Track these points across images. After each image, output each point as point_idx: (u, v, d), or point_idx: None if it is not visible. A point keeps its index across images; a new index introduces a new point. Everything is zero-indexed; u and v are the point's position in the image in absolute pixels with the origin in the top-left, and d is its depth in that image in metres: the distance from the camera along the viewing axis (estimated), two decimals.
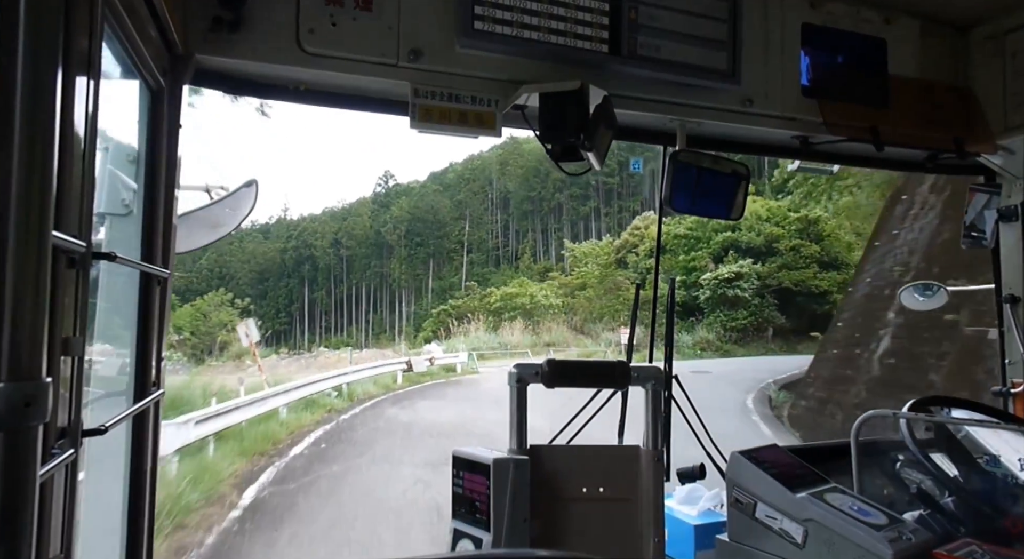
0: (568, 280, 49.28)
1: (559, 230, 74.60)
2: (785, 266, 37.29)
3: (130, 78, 1.24)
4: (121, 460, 1.24)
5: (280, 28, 1.48)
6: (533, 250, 75.24)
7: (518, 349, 34.76)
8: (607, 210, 73.21)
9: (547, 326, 40.80)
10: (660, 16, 1.75)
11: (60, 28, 0.65)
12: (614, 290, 43.33)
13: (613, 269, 45.95)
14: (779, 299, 36.43)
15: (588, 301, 44.74)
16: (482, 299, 48.41)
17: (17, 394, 0.57)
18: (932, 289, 3.31)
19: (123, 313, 1.26)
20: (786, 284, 36.41)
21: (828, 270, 36.51)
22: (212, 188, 2.42)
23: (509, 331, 39.25)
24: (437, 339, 40.24)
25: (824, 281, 36.48)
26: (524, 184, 76.83)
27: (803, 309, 36.01)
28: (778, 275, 37.13)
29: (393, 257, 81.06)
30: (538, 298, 45.15)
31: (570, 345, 37.54)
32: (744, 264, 37.47)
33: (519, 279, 53.48)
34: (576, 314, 43.38)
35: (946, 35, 2.26)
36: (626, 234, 48.94)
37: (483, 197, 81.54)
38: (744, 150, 2.25)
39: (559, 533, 1.54)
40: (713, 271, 38.06)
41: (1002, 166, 2.33)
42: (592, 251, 52.18)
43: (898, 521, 1.51)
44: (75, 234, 0.75)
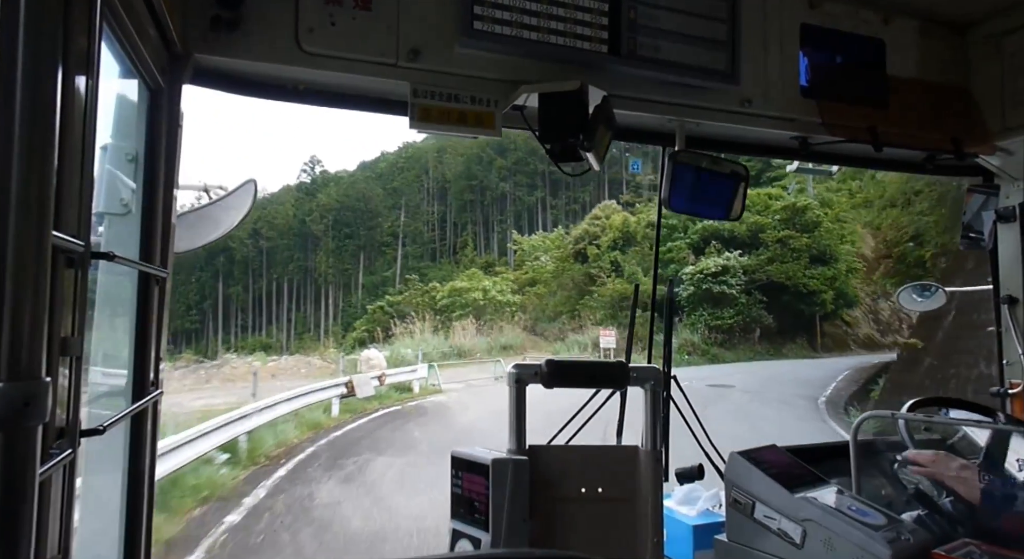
0: (517, 275, 44.96)
1: (503, 222, 69.38)
2: (772, 260, 34.06)
3: (129, 78, 1.24)
4: (119, 460, 1.24)
5: (279, 27, 1.48)
6: (475, 243, 69.72)
7: (475, 355, 30.48)
8: (555, 201, 69.24)
9: (500, 326, 36.43)
10: (659, 16, 1.75)
11: (59, 28, 0.65)
12: (571, 286, 39.17)
13: (571, 263, 41.38)
14: (766, 296, 33.41)
15: (539, 298, 40.50)
16: (425, 295, 42.63)
17: (16, 394, 0.57)
18: (931, 290, 3.32)
19: (121, 312, 1.26)
20: (776, 279, 33.33)
21: (816, 265, 33.90)
22: (211, 188, 2.41)
23: (461, 332, 34.16)
24: (373, 341, 34.97)
25: (814, 279, 33.76)
26: (464, 172, 71.84)
27: (789, 309, 33.49)
28: (766, 269, 33.82)
29: (319, 249, 73.84)
30: (492, 293, 40.02)
31: (527, 349, 33.32)
32: (731, 257, 33.98)
33: (470, 271, 47.69)
34: (526, 313, 39.21)
35: (945, 36, 2.26)
36: (585, 224, 44.22)
37: (419, 186, 75.62)
38: (743, 150, 2.25)
39: (558, 533, 1.54)
40: (695, 264, 34.46)
41: (1000, 167, 2.33)
42: (542, 244, 47.94)
43: (896, 521, 1.51)
44: (74, 233, 0.75)
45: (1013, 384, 2.37)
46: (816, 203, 34.63)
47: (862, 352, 34.19)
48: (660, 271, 34.97)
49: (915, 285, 3.42)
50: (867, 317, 37.03)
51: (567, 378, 1.64)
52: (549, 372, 1.56)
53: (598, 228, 41.69)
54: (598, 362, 1.58)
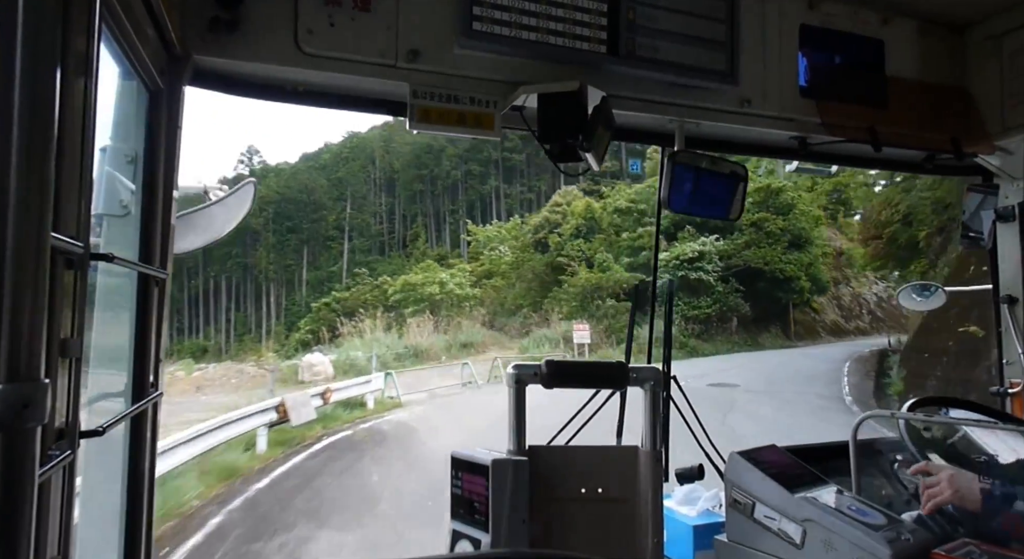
0: (473, 267, 41.65)
1: (455, 212, 65.85)
2: (749, 244, 32.43)
3: (128, 79, 1.24)
4: (119, 461, 1.24)
5: (278, 28, 1.48)
6: (427, 235, 65.99)
7: (435, 355, 27.34)
8: (510, 190, 65.80)
9: (458, 322, 33.33)
10: (658, 17, 1.75)
11: (58, 29, 0.65)
12: (532, 278, 36.50)
13: (531, 253, 38.78)
14: (743, 284, 31.81)
15: (497, 291, 37.54)
16: (375, 290, 39.25)
17: (15, 395, 0.57)
18: (930, 290, 3.32)
19: (121, 314, 1.26)
20: (754, 265, 31.75)
21: (791, 249, 32.66)
22: (210, 189, 2.42)
23: (417, 330, 30.59)
24: (319, 342, 32.12)
25: (790, 264, 32.33)
26: (414, 162, 68.05)
27: (765, 296, 32.00)
28: (743, 254, 32.16)
29: (259, 244, 69.03)
30: (450, 286, 36.65)
31: (488, 346, 30.33)
32: (706, 242, 32.21)
33: (425, 263, 43.34)
34: (484, 307, 36.38)
35: (944, 36, 2.27)
36: (545, 212, 41.61)
37: (365, 177, 71.20)
38: (742, 151, 2.25)
39: (558, 534, 1.54)
40: (668, 250, 32.59)
41: (999, 167, 2.33)
42: (498, 234, 44.48)
43: (896, 521, 1.51)
44: (73, 235, 0.75)
45: (1013, 383, 2.37)
46: (790, 184, 33.46)
47: (832, 339, 33.90)
48: (632, 259, 31.84)
49: (915, 285, 3.42)
50: (831, 303, 36.46)
51: (567, 378, 1.64)
52: (549, 372, 1.56)
53: (559, 216, 39.44)
54: (598, 362, 1.57)
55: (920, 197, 21.68)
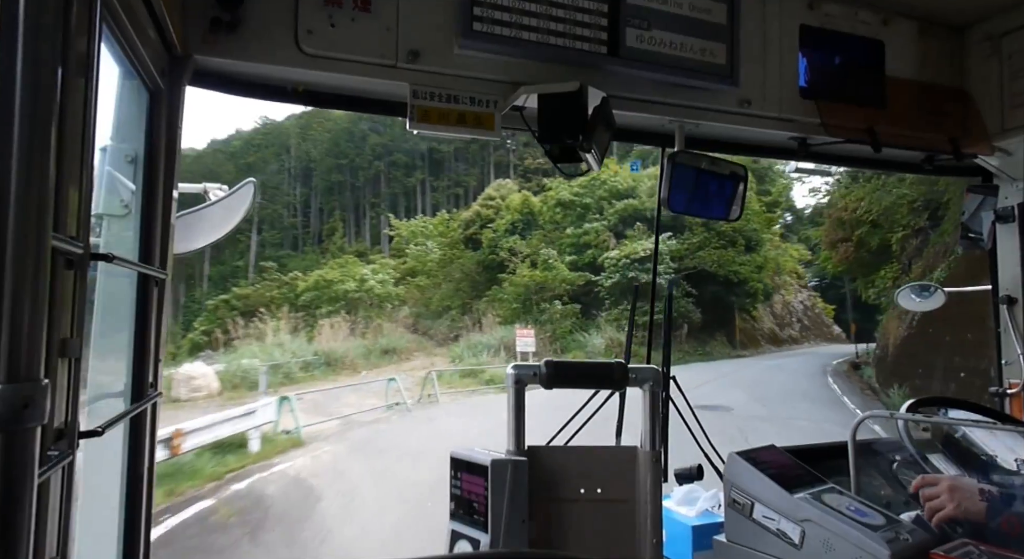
0: (396, 264, 37.55)
1: (377, 206, 59.67)
2: (702, 245, 29.85)
3: (129, 79, 1.24)
4: (118, 462, 1.24)
5: (278, 29, 1.48)
6: (345, 229, 60.09)
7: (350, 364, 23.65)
8: (437, 183, 59.75)
9: (378, 325, 29.23)
10: (658, 17, 1.76)
11: (59, 29, 0.65)
12: (461, 276, 33.10)
13: (461, 249, 35.12)
14: (695, 287, 29.14)
15: (421, 291, 33.75)
16: (284, 287, 33.86)
17: (15, 395, 0.57)
18: (929, 290, 3.31)
19: (121, 314, 1.26)
20: (708, 268, 29.23)
21: (744, 251, 30.70)
22: (210, 189, 2.42)
23: (330, 333, 26.56)
24: (211, 347, 27.36)
25: (744, 266, 30.29)
26: (332, 150, 61.31)
27: (716, 301, 29.70)
28: (698, 254, 29.58)
29: None
30: (371, 283, 32.46)
31: (414, 352, 26.79)
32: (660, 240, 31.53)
33: (342, 258, 38.80)
34: (407, 307, 32.89)
35: (943, 37, 2.27)
36: (477, 205, 37.60)
37: (279, 166, 63.70)
38: (742, 151, 2.26)
39: (557, 534, 1.54)
40: (617, 248, 29.51)
41: (999, 167, 2.34)
42: (423, 229, 39.87)
43: (895, 521, 1.51)
44: (73, 235, 0.75)
45: (1012, 384, 2.37)
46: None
47: (772, 348, 32.95)
48: (576, 257, 29.76)
49: (913, 286, 3.42)
50: (766, 311, 35.47)
51: (566, 379, 1.64)
52: (548, 373, 1.56)
53: (492, 210, 35.71)
54: (597, 363, 1.57)
55: (897, 195, 20.59)
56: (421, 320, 31.77)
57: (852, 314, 45.67)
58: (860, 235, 23.65)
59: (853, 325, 44.20)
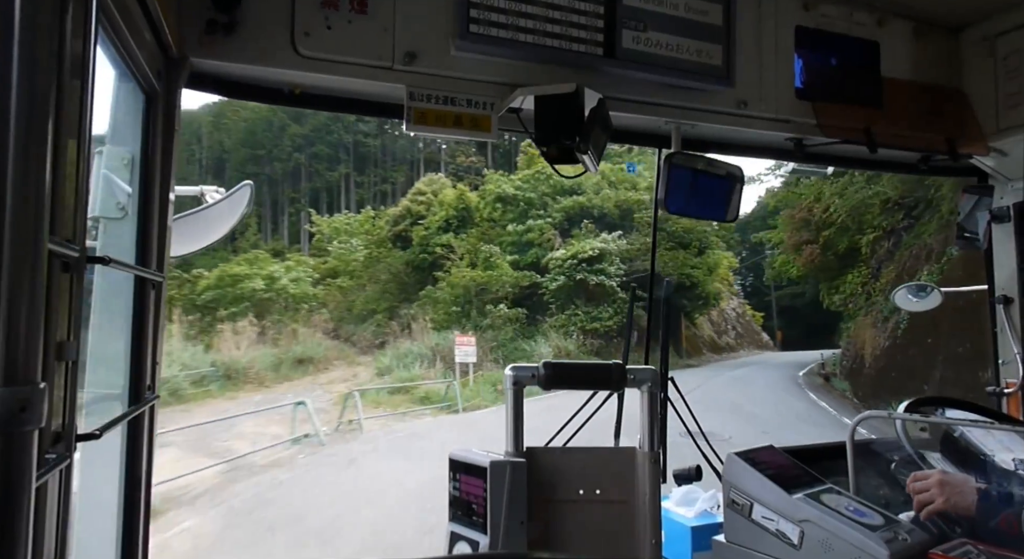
0: (316, 264, 34.20)
1: (297, 201, 55.24)
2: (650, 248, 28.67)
3: (125, 81, 1.24)
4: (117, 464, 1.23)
5: (275, 31, 1.48)
6: (260, 225, 53.99)
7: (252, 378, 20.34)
8: (362, 179, 55.29)
9: (292, 330, 25.81)
10: (654, 18, 1.76)
11: (54, 32, 0.65)
12: (389, 277, 30.41)
13: (389, 248, 32.30)
14: (645, 291, 28.29)
15: (344, 293, 30.95)
16: (184, 286, 28.29)
17: (12, 398, 0.57)
18: (926, 290, 3.32)
19: (118, 316, 1.25)
20: (660, 270, 26.18)
21: (694, 253, 29.02)
22: (206, 191, 2.42)
23: (233, 339, 22.98)
24: None
25: (697, 269, 28.52)
26: (248, 140, 56.01)
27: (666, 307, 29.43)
28: (647, 258, 25.75)
29: None
30: (283, 282, 28.43)
31: (333, 361, 23.97)
32: (608, 239, 26.82)
33: (252, 255, 33.70)
34: (328, 311, 30.09)
35: (938, 37, 2.28)
36: (407, 201, 34.66)
37: (188, 156, 57.25)
38: (739, 152, 2.26)
39: (556, 535, 1.54)
40: (564, 248, 27.01)
41: (994, 168, 2.34)
42: (347, 226, 36.76)
43: (894, 522, 1.51)
44: (69, 238, 0.75)
45: (1009, 383, 2.38)
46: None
47: (714, 356, 31.67)
48: (519, 257, 26.92)
49: (911, 286, 3.43)
50: (705, 318, 34.06)
51: (564, 380, 1.64)
52: (546, 374, 1.56)
53: (423, 206, 33.13)
54: (596, 364, 1.58)
55: (873, 193, 19.22)
56: (343, 325, 28.56)
57: (777, 321, 45.40)
58: (827, 236, 22.17)
59: (779, 333, 44.21)
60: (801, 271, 25.83)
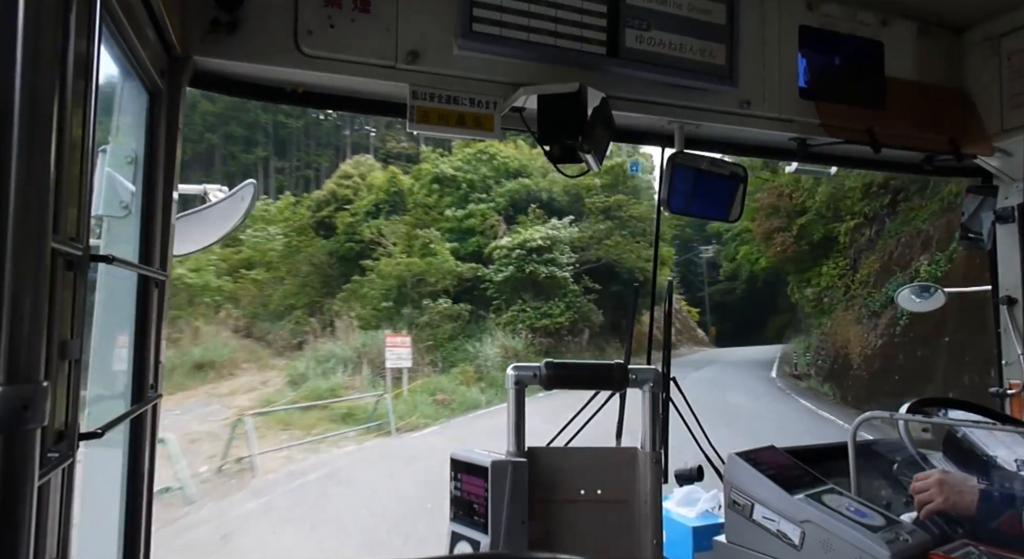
0: (227, 254, 29.35)
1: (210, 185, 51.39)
2: (609, 233, 25.20)
3: (129, 80, 1.24)
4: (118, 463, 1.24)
5: (278, 30, 1.48)
6: None
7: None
8: (282, 163, 50.46)
9: (195, 327, 22.36)
10: (657, 18, 1.76)
11: (58, 30, 0.65)
12: (311, 270, 27.44)
13: (311, 237, 29.48)
14: (598, 283, 24.42)
15: (260, 286, 27.39)
16: None
17: (15, 397, 0.57)
18: (929, 291, 3.32)
19: (122, 315, 1.26)
20: (614, 261, 24.37)
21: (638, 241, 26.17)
22: (210, 190, 2.42)
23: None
24: None
25: (651, 262, 28.03)
26: None
27: (618, 302, 24.80)
28: (605, 243, 25.03)
29: None
30: (178, 271, 21.80)
31: (240, 365, 20.55)
32: (559, 226, 24.25)
33: None
34: (240, 307, 26.54)
35: (942, 37, 2.27)
36: (332, 184, 31.77)
37: None
38: (742, 152, 2.26)
39: (557, 535, 1.54)
40: (511, 236, 24.23)
41: (998, 168, 2.34)
42: (263, 213, 32.00)
43: (895, 522, 1.51)
44: (73, 237, 0.75)
45: (1012, 385, 2.37)
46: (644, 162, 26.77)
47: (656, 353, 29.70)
48: (458, 245, 24.33)
49: (913, 286, 3.42)
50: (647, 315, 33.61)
51: (566, 379, 1.64)
52: (548, 373, 1.56)
53: (350, 190, 30.28)
54: (597, 363, 1.58)
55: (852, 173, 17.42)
56: (258, 322, 25.25)
57: (711, 317, 44.93)
58: (803, 224, 20.25)
59: (713, 329, 43.96)
60: (770, 262, 24.06)
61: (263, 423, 11.91)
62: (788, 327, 39.87)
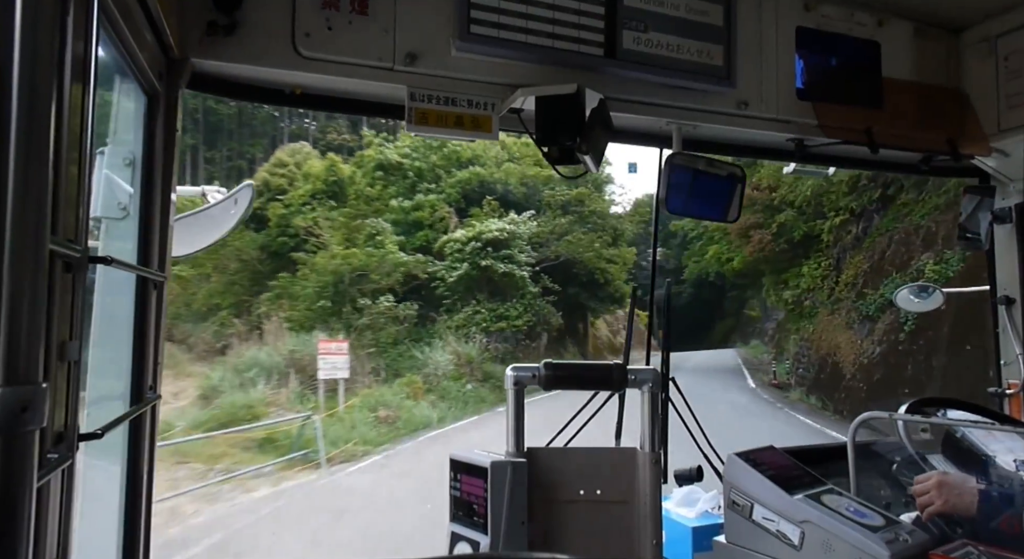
0: None
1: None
2: (568, 230, 23.37)
3: (126, 82, 1.24)
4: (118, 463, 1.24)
5: (276, 32, 1.48)
6: None
7: None
8: (212, 154, 47.98)
9: None
10: (655, 19, 1.76)
11: (56, 33, 0.65)
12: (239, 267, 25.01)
13: (241, 230, 23.80)
14: (556, 283, 22.70)
15: (183, 283, 24.80)
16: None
17: (14, 399, 0.57)
18: (928, 291, 3.32)
19: (120, 316, 1.26)
20: (575, 260, 22.79)
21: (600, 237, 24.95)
22: (208, 192, 2.42)
23: None
24: None
25: (612, 263, 24.77)
26: None
27: (576, 305, 23.67)
28: (565, 240, 23.23)
29: None
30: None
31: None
32: (518, 220, 22.17)
33: None
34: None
35: (939, 38, 2.27)
36: (264, 173, 29.23)
37: None
38: (739, 152, 2.26)
39: (557, 536, 1.54)
40: (463, 229, 22.12)
41: (996, 168, 2.34)
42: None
43: (895, 522, 1.51)
44: (71, 238, 0.75)
45: (1011, 384, 2.38)
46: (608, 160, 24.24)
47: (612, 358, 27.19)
48: (405, 240, 21.58)
49: (912, 286, 3.43)
50: (601, 318, 30.59)
51: (565, 380, 1.64)
52: (547, 374, 1.56)
53: (284, 179, 27.85)
54: (596, 364, 1.58)
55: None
56: (180, 323, 22.79)
57: (658, 320, 44.44)
58: (783, 221, 18.81)
59: (661, 332, 43.25)
60: (744, 262, 22.37)
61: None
62: (734, 331, 39.42)
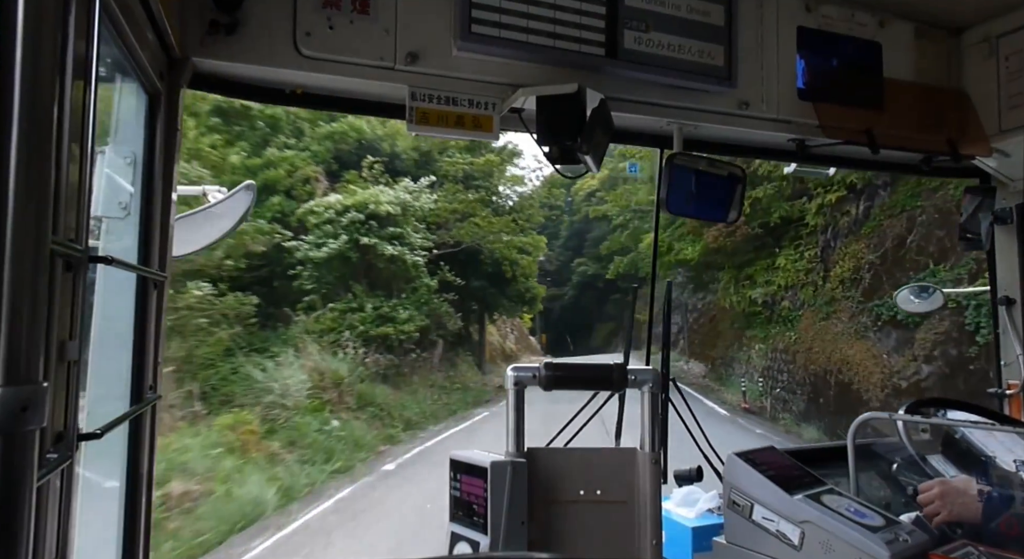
0: None
1: None
2: (472, 212, 19.04)
3: (128, 82, 1.24)
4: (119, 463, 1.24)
5: (277, 32, 1.48)
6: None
7: None
8: None
9: None
10: (656, 19, 1.76)
11: (57, 32, 0.65)
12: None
13: None
14: (460, 277, 18.45)
15: None
16: None
17: (14, 398, 0.57)
18: (928, 291, 3.32)
19: (121, 315, 1.26)
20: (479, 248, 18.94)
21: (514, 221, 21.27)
22: (209, 191, 2.42)
23: None
24: None
25: (524, 255, 20.96)
26: None
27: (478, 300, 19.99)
28: (470, 222, 18.93)
29: None
30: None
31: None
32: (413, 189, 16.82)
33: None
34: None
35: (940, 38, 2.27)
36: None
37: None
38: (740, 153, 2.26)
39: (556, 536, 1.54)
40: (339, 195, 16.03)
41: (996, 169, 2.34)
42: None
43: (895, 523, 1.51)
44: (72, 238, 0.75)
45: (1011, 385, 2.38)
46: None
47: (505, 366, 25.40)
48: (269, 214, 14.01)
49: (912, 287, 3.42)
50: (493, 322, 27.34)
51: (565, 381, 1.64)
52: (547, 375, 1.56)
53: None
54: (597, 364, 1.57)
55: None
56: None
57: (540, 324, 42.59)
58: (758, 197, 14.73)
59: (543, 336, 42.40)
60: (699, 253, 18.26)
61: None
62: (615, 335, 39.18)
